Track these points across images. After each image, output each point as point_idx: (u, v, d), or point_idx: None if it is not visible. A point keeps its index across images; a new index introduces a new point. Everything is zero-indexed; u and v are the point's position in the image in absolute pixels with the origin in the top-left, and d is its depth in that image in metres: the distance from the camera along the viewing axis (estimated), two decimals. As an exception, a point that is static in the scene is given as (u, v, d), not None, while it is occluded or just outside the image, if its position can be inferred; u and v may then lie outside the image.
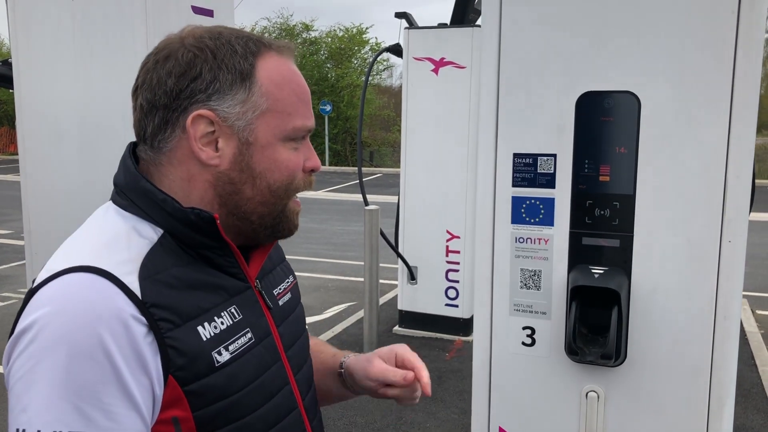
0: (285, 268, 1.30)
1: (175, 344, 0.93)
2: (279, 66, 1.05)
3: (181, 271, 1.00)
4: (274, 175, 1.05)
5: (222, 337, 1.00)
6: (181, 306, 0.96)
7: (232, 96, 1.01)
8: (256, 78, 1.02)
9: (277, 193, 1.06)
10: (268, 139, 1.03)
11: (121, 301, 0.90)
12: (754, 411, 4.60)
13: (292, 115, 1.05)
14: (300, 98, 1.07)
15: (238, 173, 1.03)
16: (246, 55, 1.02)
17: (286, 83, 1.05)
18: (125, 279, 0.92)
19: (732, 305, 1.67)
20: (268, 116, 1.03)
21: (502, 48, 1.79)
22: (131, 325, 0.90)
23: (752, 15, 1.57)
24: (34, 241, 2.84)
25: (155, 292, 0.94)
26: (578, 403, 1.81)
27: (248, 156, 1.03)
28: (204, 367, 0.96)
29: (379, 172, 22.40)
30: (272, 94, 1.03)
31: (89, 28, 2.54)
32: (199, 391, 0.95)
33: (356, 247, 9.86)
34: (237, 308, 1.06)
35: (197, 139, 1.01)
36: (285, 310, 1.20)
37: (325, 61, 26.37)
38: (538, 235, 1.80)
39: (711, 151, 1.63)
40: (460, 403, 4.68)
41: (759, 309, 6.96)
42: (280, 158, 1.05)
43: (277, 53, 1.06)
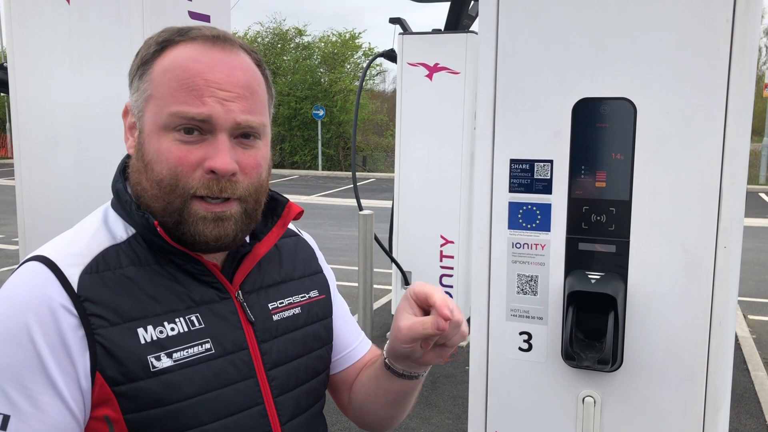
0: (310, 282, 1.21)
1: (105, 342, 0.92)
2: (181, 53, 0.99)
3: (136, 272, 0.98)
4: (156, 166, 0.98)
5: (165, 343, 0.96)
6: (123, 305, 0.95)
7: (135, 85, 1.02)
8: (151, 66, 1.00)
9: (161, 187, 0.97)
10: (151, 126, 0.99)
11: (54, 290, 0.92)
12: (746, 415, 4.62)
13: (167, 102, 0.97)
14: (182, 83, 0.96)
15: (136, 161, 1.02)
16: (151, 45, 1.02)
17: (171, 69, 0.98)
18: (66, 270, 0.93)
19: (727, 311, 1.68)
20: (151, 103, 0.99)
21: (499, 54, 1.80)
22: (59, 314, 0.91)
23: (746, 23, 1.59)
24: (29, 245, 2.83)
25: (94, 288, 0.94)
26: (575, 408, 1.82)
27: (141, 144, 1.01)
28: (137, 370, 0.93)
29: (373, 176, 22.41)
30: (155, 81, 0.99)
31: (86, 32, 2.54)
32: (129, 394, 0.93)
33: (350, 252, 9.85)
34: (200, 317, 1.01)
35: (127, 129, 1.05)
36: (280, 326, 1.11)
37: (318, 65, 26.37)
38: (534, 241, 1.81)
39: (706, 158, 1.65)
40: (455, 408, 4.68)
41: (751, 314, 6.99)
42: (161, 149, 0.97)
43: (201, 43, 0.99)
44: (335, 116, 25.13)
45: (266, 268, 1.15)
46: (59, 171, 2.69)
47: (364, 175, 22.39)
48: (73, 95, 2.62)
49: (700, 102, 1.64)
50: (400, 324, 1.02)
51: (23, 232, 2.92)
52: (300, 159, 25.40)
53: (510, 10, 1.78)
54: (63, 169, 2.68)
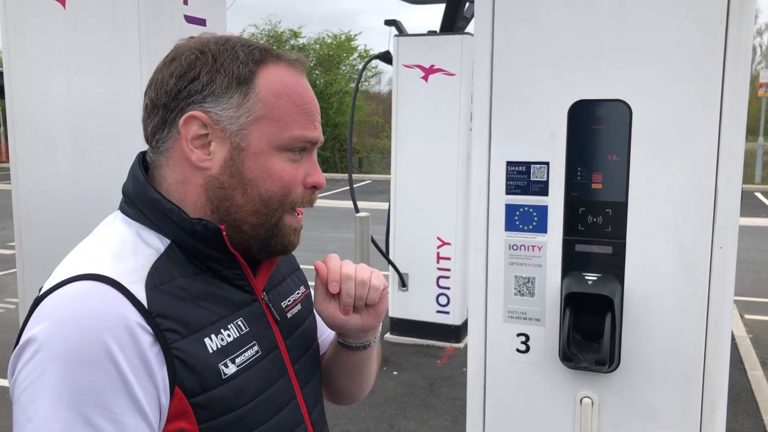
0: (296, 279, 1.28)
1: (182, 355, 0.93)
2: (283, 76, 1.05)
3: (187, 282, 0.99)
4: (266, 184, 1.03)
5: (229, 350, 0.99)
6: (188, 317, 0.96)
7: (226, 99, 1.01)
8: (254, 84, 1.02)
9: (270, 205, 1.04)
10: (261, 146, 1.02)
11: (127, 309, 0.90)
12: (743, 415, 4.63)
13: (289, 125, 1.03)
14: (300, 109, 1.05)
15: (228, 178, 1.02)
16: (247, 62, 1.02)
17: (285, 93, 1.04)
18: (131, 288, 0.92)
19: (723, 311, 1.69)
20: (262, 123, 1.02)
21: (495, 56, 1.81)
22: (137, 333, 0.89)
23: (741, 24, 1.60)
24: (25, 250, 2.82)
25: (161, 302, 0.94)
26: (572, 409, 1.82)
27: (239, 161, 1.02)
28: (211, 379, 0.95)
29: (369, 178, 22.41)
30: (269, 102, 1.02)
31: (82, 37, 2.54)
32: (205, 404, 0.95)
33: (346, 254, 9.84)
34: (243, 321, 1.05)
35: (189, 140, 1.01)
36: (293, 322, 1.19)
37: (313, 67, 26.38)
38: (531, 242, 1.82)
39: (701, 159, 1.66)
40: (452, 410, 4.68)
41: (747, 313, 7.01)
42: (273, 168, 1.03)
43: (287, 65, 1.06)
44: (331, 118, 25.13)
45: None
46: (56, 175, 2.69)
47: (360, 177, 22.39)
48: (69, 99, 2.62)
49: (695, 103, 1.65)
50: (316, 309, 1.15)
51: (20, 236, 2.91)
52: (296, 161, 25.36)
53: (506, 12, 1.78)
54: (59, 173, 2.67)
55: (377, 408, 4.70)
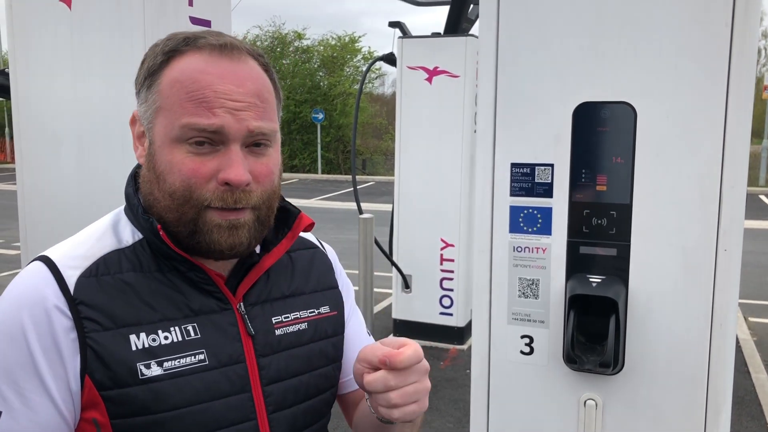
0: (323, 297, 1.18)
1: (95, 346, 0.93)
2: (188, 64, 0.97)
3: (135, 278, 0.98)
4: (169, 178, 0.97)
5: (156, 351, 0.96)
6: (118, 311, 0.96)
7: (142, 95, 1.02)
8: (159, 76, 0.99)
9: (175, 200, 0.97)
10: (162, 139, 0.98)
11: (50, 291, 0.94)
12: (747, 418, 4.62)
13: (177, 114, 0.96)
14: (190, 96, 0.96)
15: (148, 172, 1.02)
16: (157, 54, 1.00)
17: (179, 80, 0.97)
18: (65, 272, 0.95)
19: (728, 313, 1.68)
20: (161, 115, 0.98)
21: (500, 58, 1.81)
22: (53, 315, 0.93)
23: (746, 27, 1.60)
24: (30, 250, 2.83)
25: (91, 291, 0.95)
26: (576, 411, 1.82)
27: (152, 155, 1.00)
28: (125, 376, 0.94)
29: (372, 180, 22.41)
30: (164, 92, 0.98)
31: (87, 38, 2.55)
32: (117, 399, 0.94)
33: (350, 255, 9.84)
34: (197, 327, 1.00)
35: (136, 138, 1.05)
36: (282, 341, 1.08)
37: (317, 69, 26.42)
38: (536, 244, 1.82)
39: (706, 161, 1.65)
40: (456, 412, 4.68)
41: (751, 316, 6.99)
42: (173, 161, 0.97)
43: (209, 52, 0.98)
44: (335, 120, 25.15)
45: (275, 280, 1.12)
46: (61, 175, 2.70)
47: (364, 179, 22.40)
48: (74, 100, 2.62)
49: (699, 105, 1.65)
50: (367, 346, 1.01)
51: (25, 237, 2.92)
52: (299, 162, 25.42)
53: (510, 14, 1.78)
54: (64, 173, 2.68)
55: (380, 409, 4.70)
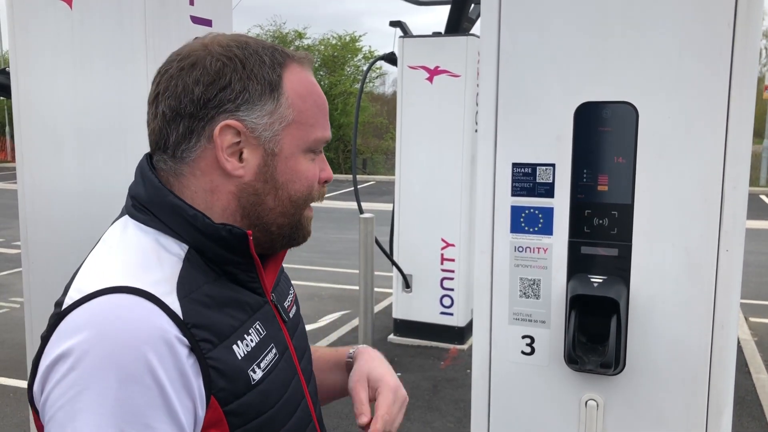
0: (287, 280, 1.30)
1: (216, 365, 0.92)
2: (302, 78, 1.06)
3: (211, 289, 0.98)
4: (295, 185, 1.05)
5: (254, 355, 1.00)
6: (216, 325, 0.95)
7: (261, 107, 1.00)
8: (283, 89, 1.02)
9: (297, 204, 1.07)
10: (292, 150, 1.04)
11: (164, 321, 0.88)
12: (748, 418, 4.62)
13: (314, 127, 1.06)
14: (321, 110, 1.08)
15: (262, 184, 1.02)
16: (274, 66, 1.02)
17: (309, 95, 1.06)
18: (166, 299, 0.90)
19: (729, 314, 1.68)
20: (293, 128, 1.03)
21: (501, 58, 1.80)
22: (176, 346, 0.88)
23: (748, 27, 1.59)
24: (31, 249, 2.82)
25: (194, 312, 0.93)
26: (578, 412, 1.82)
27: (272, 167, 1.03)
28: (242, 386, 0.96)
29: (373, 179, 22.42)
30: (297, 106, 1.04)
31: (88, 37, 2.54)
32: (238, 411, 0.95)
33: (350, 255, 9.85)
34: (261, 324, 1.05)
35: (224, 150, 0.99)
36: (294, 322, 1.20)
37: (318, 68, 26.41)
38: (537, 245, 1.81)
39: (708, 161, 1.65)
40: (456, 412, 4.68)
41: (752, 316, 6.99)
42: (301, 169, 1.06)
43: (299, 65, 1.07)
44: (335, 119, 25.13)
45: None
46: (62, 174, 2.69)
47: (365, 178, 22.40)
48: (75, 99, 2.62)
49: (701, 105, 1.64)
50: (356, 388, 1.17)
51: (25, 236, 2.91)
52: (300, 162, 25.39)
53: (511, 14, 1.78)
54: (65, 172, 2.68)
55: (381, 409, 4.70)
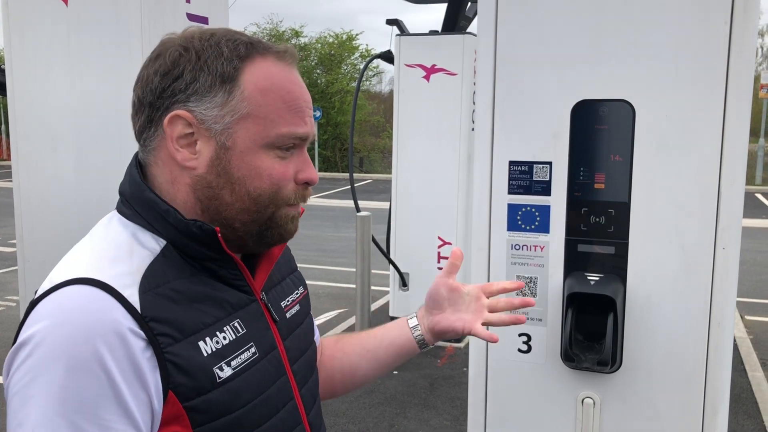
0: (296, 279, 1.27)
1: (175, 359, 0.92)
2: (270, 71, 1.02)
3: (182, 284, 0.98)
4: (254, 182, 1.01)
5: (224, 353, 0.98)
6: (182, 320, 0.95)
7: (210, 98, 0.98)
8: (239, 82, 0.99)
9: (258, 201, 1.02)
10: (247, 144, 1.00)
11: (119, 314, 0.89)
12: (744, 416, 4.63)
13: (276, 123, 1.01)
14: (288, 105, 1.02)
15: (215, 177, 1.00)
16: (231, 58, 0.99)
17: (273, 89, 1.01)
18: (125, 292, 0.91)
19: (726, 312, 1.68)
20: (248, 121, 0.99)
21: (498, 56, 1.80)
22: (129, 339, 0.88)
23: (745, 25, 1.60)
24: (27, 248, 2.82)
25: (155, 306, 0.93)
26: (574, 410, 1.82)
27: (226, 160, 0.99)
28: (205, 383, 0.94)
29: (369, 178, 22.41)
30: (254, 99, 1.00)
31: (84, 34, 2.54)
32: (200, 408, 0.94)
33: (347, 253, 9.85)
34: (241, 322, 1.04)
35: (174, 140, 0.99)
36: (292, 323, 1.18)
37: (314, 67, 26.38)
38: (533, 242, 1.82)
39: (705, 159, 1.65)
40: (453, 410, 4.68)
41: (748, 314, 7.01)
42: (261, 166, 1.01)
43: (275, 58, 1.03)
44: (332, 117, 25.13)
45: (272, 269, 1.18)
46: (58, 173, 2.69)
47: (361, 177, 22.39)
48: (71, 97, 2.61)
49: (698, 103, 1.64)
50: None
51: (21, 234, 2.91)
52: (297, 160, 25.36)
53: (509, 12, 1.78)
54: (61, 170, 2.67)
55: (377, 407, 4.71)
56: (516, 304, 1.23)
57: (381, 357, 1.34)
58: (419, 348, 1.31)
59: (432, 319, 1.30)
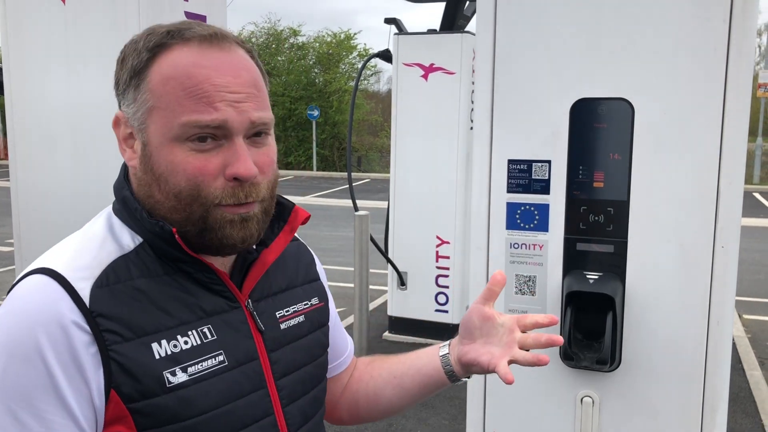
0: (310, 289, 1.20)
1: (120, 359, 0.89)
2: (177, 59, 0.95)
3: (147, 284, 0.95)
4: (173, 178, 0.95)
5: (180, 358, 0.94)
6: (137, 320, 0.92)
7: (129, 96, 0.97)
8: (146, 74, 0.95)
9: (182, 200, 0.95)
10: (159, 139, 0.95)
11: (65, 306, 0.88)
12: (742, 415, 4.63)
13: (176, 112, 0.93)
14: (188, 92, 0.93)
15: (145, 174, 0.97)
16: (141, 51, 0.96)
17: (173, 77, 0.94)
18: (77, 284, 0.90)
19: (725, 310, 1.68)
20: (154, 115, 0.95)
21: (497, 54, 1.80)
22: (71, 331, 0.87)
23: (744, 23, 1.60)
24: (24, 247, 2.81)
25: (108, 302, 0.90)
26: (573, 408, 1.82)
27: (147, 156, 0.96)
28: (153, 386, 0.91)
29: (367, 177, 22.40)
30: (156, 91, 0.94)
31: (81, 33, 2.53)
32: (145, 411, 0.90)
33: (345, 252, 9.85)
34: (212, 328, 0.99)
35: (121, 141, 1.01)
36: (287, 334, 1.10)
37: (312, 66, 26.35)
38: (532, 241, 1.81)
39: (704, 158, 1.65)
40: (451, 409, 4.68)
41: (746, 313, 7.02)
42: (175, 160, 0.94)
43: (198, 44, 0.95)
44: (330, 117, 25.11)
45: (273, 275, 1.12)
46: (55, 172, 2.68)
47: (359, 176, 22.39)
48: (69, 96, 2.61)
49: (697, 102, 1.64)
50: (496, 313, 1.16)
51: (18, 233, 2.90)
52: (294, 160, 25.37)
53: (508, 11, 1.78)
54: (59, 169, 2.67)
55: (376, 407, 4.70)
56: (542, 342, 1.14)
57: (407, 385, 1.26)
58: (449, 380, 1.22)
59: (461, 348, 1.19)
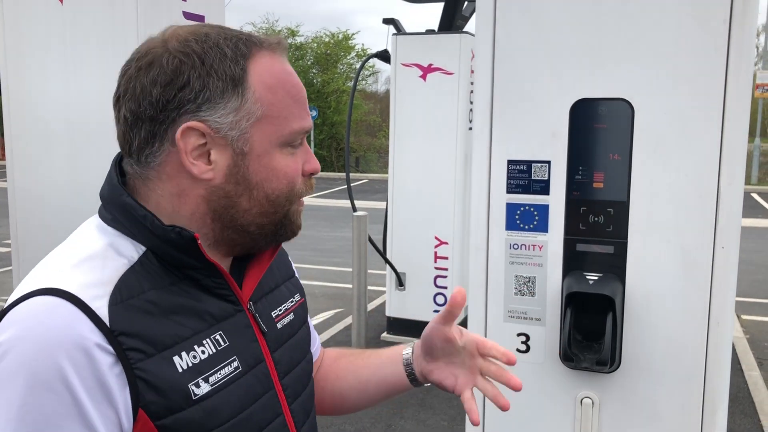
0: (291, 287, 1.22)
1: (146, 376, 0.86)
2: (271, 67, 0.97)
3: (158, 296, 0.92)
4: (272, 184, 0.97)
5: (201, 368, 0.92)
6: (156, 334, 0.89)
7: (224, 105, 0.93)
8: (248, 83, 0.94)
9: (276, 202, 0.99)
10: (265, 147, 0.95)
11: (85, 328, 0.84)
12: (741, 415, 4.63)
13: (288, 119, 0.97)
14: (295, 99, 0.99)
15: (233, 186, 0.95)
16: (236, 59, 0.94)
17: (279, 85, 0.97)
18: (93, 304, 0.85)
19: (725, 311, 1.68)
20: (263, 123, 0.95)
21: (496, 55, 1.79)
22: (95, 355, 0.83)
23: (744, 23, 1.59)
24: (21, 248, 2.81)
25: (126, 319, 0.87)
26: (573, 410, 1.81)
27: (244, 167, 0.95)
28: (179, 400, 0.89)
29: (366, 177, 22.40)
30: (266, 99, 0.95)
31: (79, 33, 2.52)
32: (173, 426, 0.88)
33: (343, 253, 9.84)
34: (223, 334, 0.98)
35: (188, 153, 0.93)
36: (283, 333, 1.11)
37: (310, 66, 26.35)
38: (532, 242, 1.81)
39: (704, 158, 1.65)
40: (450, 410, 4.67)
41: (744, 314, 7.02)
42: (277, 166, 0.97)
43: (270, 52, 0.98)
44: (328, 117, 25.11)
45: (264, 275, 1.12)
46: (52, 173, 2.68)
47: (357, 176, 22.38)
48: (66, 96, 2.60)
49: (697, 102, 1.64)
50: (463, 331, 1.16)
51: (15, 234, 2.89)
52: (293, 160, 25.35)
53: (507, 11, 1.77)
54: (56, 170, 2.66)
55: (374, 407, 4.70)
56: (502, 379, 1.14)
57: (372, 392, 1.28)
58: (412, 385, 1.23)
59: (426, 366, 1.20)
